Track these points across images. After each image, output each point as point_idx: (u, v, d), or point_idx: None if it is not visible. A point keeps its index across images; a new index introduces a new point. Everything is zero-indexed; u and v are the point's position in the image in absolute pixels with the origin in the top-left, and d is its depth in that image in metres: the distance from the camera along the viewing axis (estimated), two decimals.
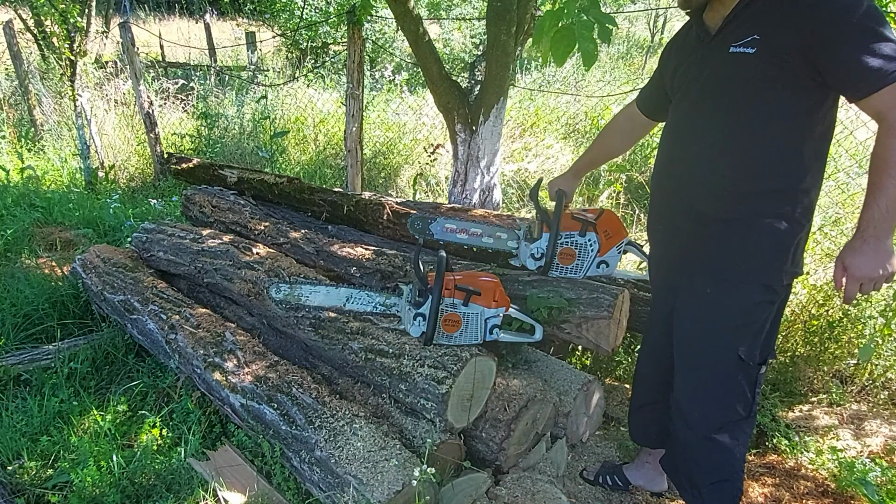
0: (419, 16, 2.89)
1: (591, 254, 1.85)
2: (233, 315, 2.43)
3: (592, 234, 1.80)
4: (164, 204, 4.32)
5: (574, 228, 1.80)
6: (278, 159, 5.35)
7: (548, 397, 1.81)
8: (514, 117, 5.84)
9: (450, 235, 1.99)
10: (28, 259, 3.41)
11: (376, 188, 5.05)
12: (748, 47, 1.23)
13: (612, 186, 4.12)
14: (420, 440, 1.62)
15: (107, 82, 5.92)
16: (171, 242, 2.68)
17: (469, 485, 1.60)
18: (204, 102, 6.39)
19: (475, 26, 9.16)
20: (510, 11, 2.63)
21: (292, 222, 2.98)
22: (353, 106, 3.71)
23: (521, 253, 1.93)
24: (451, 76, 2.99)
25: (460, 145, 3.01)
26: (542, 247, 1.85)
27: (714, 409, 1.43)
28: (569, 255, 1.86)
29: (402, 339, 1.76)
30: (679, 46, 1.50)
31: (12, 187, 4.49)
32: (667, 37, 12.02)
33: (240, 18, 12.10)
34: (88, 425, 2.01)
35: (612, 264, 1.84)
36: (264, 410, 1.73)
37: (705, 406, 1.44)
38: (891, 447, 2.05)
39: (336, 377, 1.97)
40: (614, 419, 2.25)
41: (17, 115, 6.24)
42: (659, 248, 1.60)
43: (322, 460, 1.52)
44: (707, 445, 1.45)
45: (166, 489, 1.68)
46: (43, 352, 2.39)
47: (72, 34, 4.39)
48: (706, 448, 1.45)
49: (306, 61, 8.47)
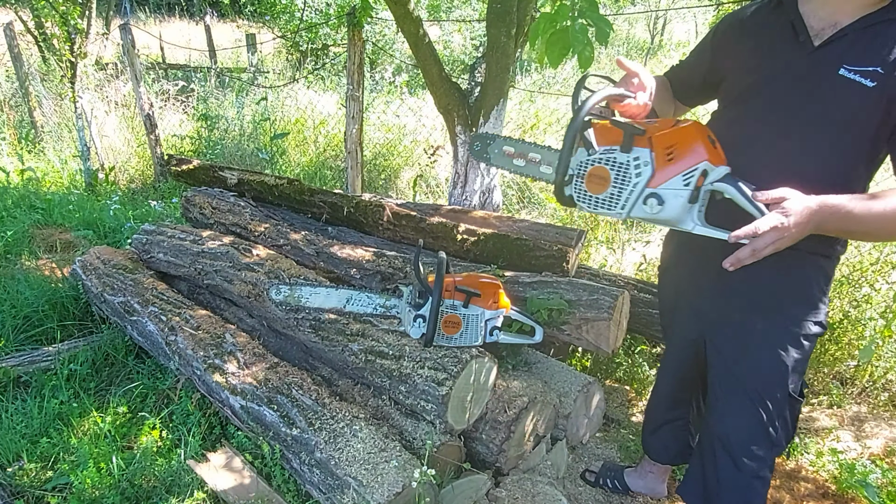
0: (419, 17, 2.89)
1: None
2: (233, 317, 2.43)
3: (644, 151, 1.11)
4: (164, 205, 4.32)
5: (614, 142, 1.16)
6: (278, 161, 5.36)
7: (548, 399, 1.81)
8: (514, 119, 5.84)
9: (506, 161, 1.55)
10: (28, 260, 3.41)
11: (376, 190, 5.05)
12: (867, 78, 1.08)
13: None
14: (420, 442, 1.62)
15: (107, 84, 5.93)
16: (172, 244, 2.68)
17: (469, 486, 1.59)
18: (204, 104, 6.40)
19: (475, 28, 9.17)
20: (510, 13, 2.63)
21: (292, 224, 2.98)
22: (354, 107, 3.71)
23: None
24: (451, 78, 3.00)
25: (460, 147, 3.02)
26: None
27: (765, 448, 1.35)
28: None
29: (402, 341, 1.76)
30: (755, 33, 1.26)
31: (12, 189, 4.49)
32: (666, 39, 12.04)
33: (240, 20, 12.12)
34: (88, 427, 2.01)
35: (671, 204, 1.10)
36: (264, 412, 1.73)
37: (758, 446, 1.35)
38: (891, 449, 2.05)
39: (336, 379, 1.97)
40: (614, 421, 2.24)
41: (18, 116, 6.24)
42: (683, 268, 1.47)
43: (322, 462, 1.51)
44: (754, 484, 1.37)
45: (166, 491, 1.68)
46: (43, 353, 2.39)
47: (72, 36, 4.40)
48: (753, 487, 1.37)
49: (306, 63, 8.48)
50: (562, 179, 1.21)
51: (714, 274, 1.27)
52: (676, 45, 10.81)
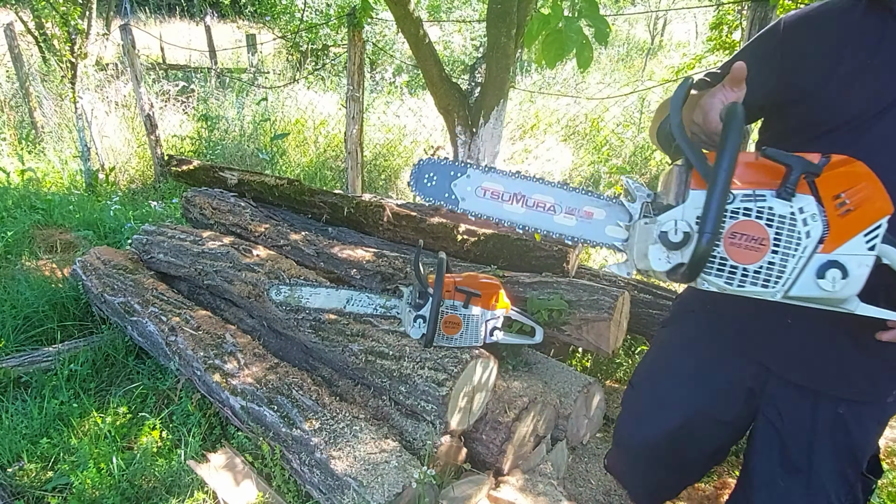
0: (419, 18, 2.89)
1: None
2: (233, 317, 2.43)
3: (808, 199, 0.81)
4: (164, 206, 4.32)
5: (762, 182, 0.82)
6: (279, 161, 5.36)
7: (548, 399, 1.81)
8: (514, 119, 5.85)
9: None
10: (28, 261, 3.41)
11: (376, 190, 5.05)
12: None
13: (613, 189, 4.13)
14: (420, 442, 1.62)
15: (107, 84, 5.93)
16: (172, 244, 2.68)
17: (469, 487, 1.59)
18: (204, 105, 6.40)
19: (475, 29, 9.17)
20: (510, 14, 2.64)
21: (292, 224, 2.98)
22: (354, 108, 3.72)
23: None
24: (451, 78, 3.00)
25: (460, 147, 3.02)
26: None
27: None
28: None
29: (402, 341, 1.76)
30: (847, 40, 0.98)
31: (13, 189, 4.49)
32: (667, 39, 12.03)
33: (240, 21, 12.12)
34: (88, 427, 2.01)
35: (855, 277, 0.81)
36: (264, 412, 1.73)
37: None
38: (891, 449, 2.05)
39: (336, 379, 1.97)
40: (615, 421, 2.24)
41: (18, 117, 6.25)
42: (727, 326, 1.17)
43: (322, 462, 1.51)
44: None
45: (166, 492, 1.68)
46: (43, 354, 2.39)
47: (73, 36, 4.40)
48: None
49: (307, 63, 8.48)
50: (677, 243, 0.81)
51: (797, 344, 1.06)
52: (676, 45, 10.81)
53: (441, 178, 1.05)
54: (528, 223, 1.02)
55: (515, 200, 1.01)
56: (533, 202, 1.01)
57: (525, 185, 1.01)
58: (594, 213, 1.00)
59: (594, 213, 1.00)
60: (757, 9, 2.25)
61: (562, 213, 1.00)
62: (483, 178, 1.02)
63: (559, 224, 1.01)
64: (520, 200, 1.01)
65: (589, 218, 1.00)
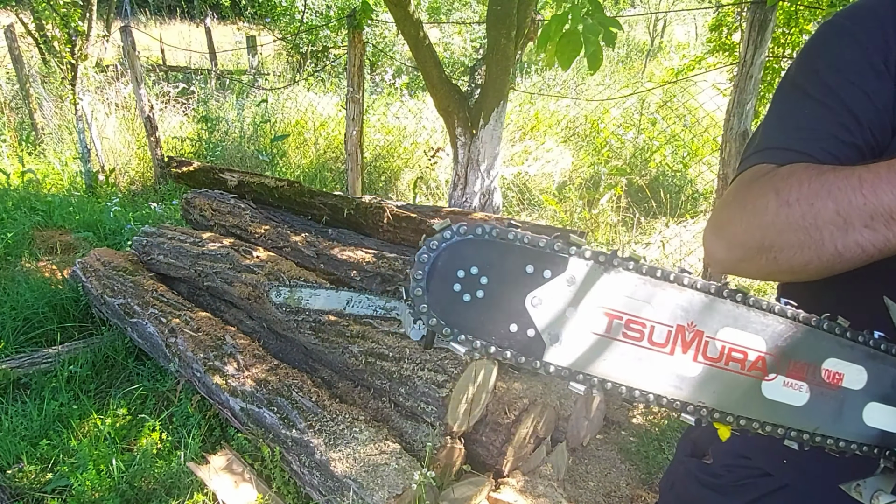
0: (419, 20, 2.90)
1: None
2: (233, 319, 2.43)
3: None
4: (164, 207, 4.32)
5: None
6: (278, 163, 5.36)
7: (548, 401, 1.81)
8: (514, 121, 5.85)
9: None
10: (28, 262, 3.41)
11: (376, 192, 5.05)
12: None
13: (613, 190, 4.13)
14: (420, 444, 1.61)
15: (108, 86, 5.94)
16: (172, 246, 2.68)
17: (469, 488, 1.59)
18: (204, 106, 6.41)
19: (475, 30, 9.19)
20: (510, 16, 2.64)
21: (292, 226, 2.98)
22: (354, 109, 3.72)
23: None
24: (451, 80, 3.00)
25: (460, 149, 3.02)
26: None
27: None
28: None
29: (402, 343, 1.76)
30: None
31: (13, 191, 4.50)
32: (667, 41, 12.04)
33: (240, 22, 12.13)
34: (88, 429, 2.01)
35: None
36: (264, 414, 1.73)
37: None
38: None
39: (336, 381, 1.97)
40: (615, 423, 2.24)
41: (18, 118, 6.25)
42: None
43: (322, 464, 1.51)
44: None
45: (166, 493, 1.68)
46: (43, 355, 2.39)
47: (73, 38, 4.41)
48: None
49: (307, 65, 8.49)
50: None
51: None
52: (676, 46, 10.82)
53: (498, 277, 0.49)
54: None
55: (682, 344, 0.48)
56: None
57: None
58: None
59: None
60: (756, 10, 2.25)
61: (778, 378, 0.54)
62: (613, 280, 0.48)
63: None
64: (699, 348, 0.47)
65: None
